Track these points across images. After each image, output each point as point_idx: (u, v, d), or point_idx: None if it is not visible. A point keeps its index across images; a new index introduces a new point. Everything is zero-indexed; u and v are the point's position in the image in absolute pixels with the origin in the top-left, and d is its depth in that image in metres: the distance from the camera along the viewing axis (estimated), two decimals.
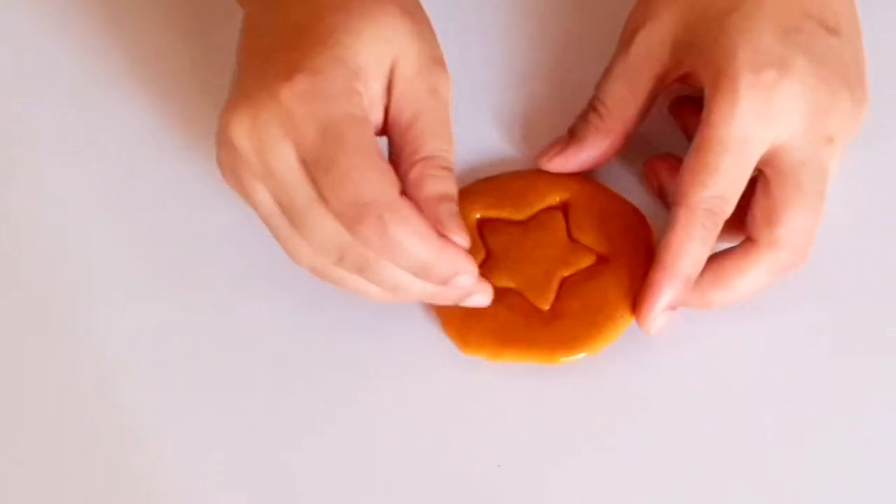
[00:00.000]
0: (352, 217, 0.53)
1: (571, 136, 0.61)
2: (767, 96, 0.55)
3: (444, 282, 0.55)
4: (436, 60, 0.57)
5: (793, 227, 0.56)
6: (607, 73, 0.61)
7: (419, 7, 0.57)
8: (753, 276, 0.57)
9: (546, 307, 0.59)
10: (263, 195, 0.55)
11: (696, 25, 0.58)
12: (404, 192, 0.54)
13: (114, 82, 0.66)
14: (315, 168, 0.53)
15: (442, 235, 0.54)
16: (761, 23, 0.57)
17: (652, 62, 0.60)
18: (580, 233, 0.61)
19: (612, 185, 0.62)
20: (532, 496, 0.56)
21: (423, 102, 0.56)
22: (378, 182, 0.53)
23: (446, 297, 0.56)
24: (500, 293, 0.59)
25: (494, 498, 0.56)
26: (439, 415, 0.58)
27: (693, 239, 0.56)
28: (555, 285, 0.59)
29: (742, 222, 0.57)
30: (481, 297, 0.57)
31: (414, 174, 0.55)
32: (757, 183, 0.57)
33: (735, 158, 0.56)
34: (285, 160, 0.53)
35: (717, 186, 0.56)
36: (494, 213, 0.61)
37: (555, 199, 0.62)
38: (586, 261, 0.60)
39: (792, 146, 0.56)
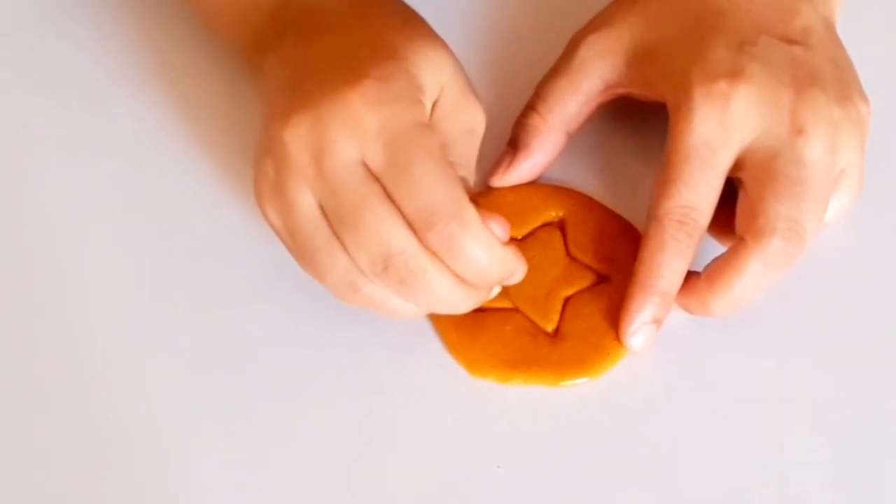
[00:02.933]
0: (422, 223, 0.54)
1: (515, 145, 0.62)
2: (723, 104, 0.57)
3: (493, 286, 0.57)
4: (474, 98, 0.58)
5: (772, 214, 0.56)
6: (549, 72, 0.62)
7: None
8: (748, 273, 0.57)
9: (551, 328, 0.59)
10: (307, 199, 0.55)
11: (656, 43, 0.60)
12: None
13: (117, 83, 0.66)
14: (386, 174, 0.54)
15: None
16: (715, 39, 0.58)
17: (600, 63, 0.61)
18: (579, 251, 0.61)
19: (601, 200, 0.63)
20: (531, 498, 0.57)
21: (456, 136, 0.57)
22: (449, 189, 0.54)
23: (477, 303, 0.57)
24: (503, 314, 0.60)
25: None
26: (440, 422, 0.58)
27: (664, 251, 0.57)
28: (558, 306, 0.60)
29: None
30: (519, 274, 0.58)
31: None
32: (739, 190, 0.58)
33: (699, 167, 0.57)
34: (344, 160, 0.54)
35: (682, 197, 0.57)
36: None
37: (551, 215, 0.62)
38: (587, 280, 0.60)
39: (760, 145, 0.57)
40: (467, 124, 0.58)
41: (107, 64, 0.66)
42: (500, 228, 0.56)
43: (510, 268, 0.56)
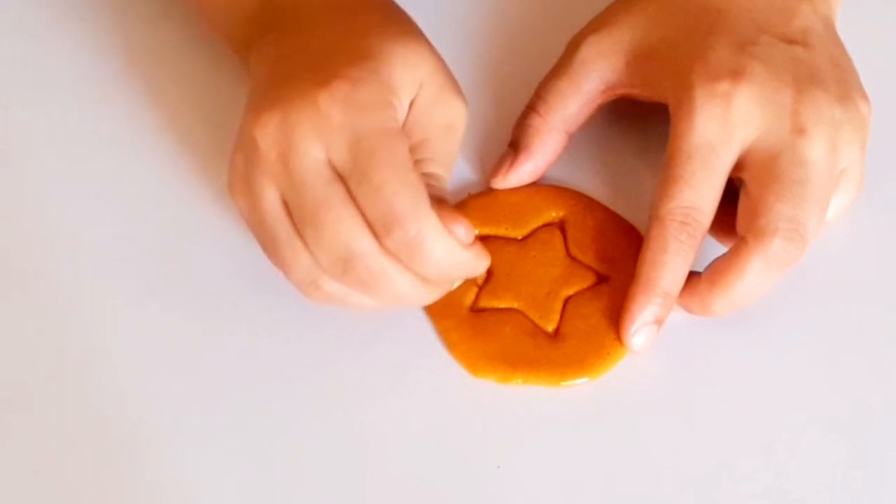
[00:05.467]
0: (382, 227, 0.54)
1: (516, 147, 0.62)
2: (725, 103, 0.57)
3: (454, 282, 0.58)
4: (455, 93, 0.58)
5: (774, 214, 0.56)
6: (550, 73, 0.62)
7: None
8: (749, 273, 0.57)
9: (551, 328, 0.60)
10: (271, 195, 0.55)
11: (656, 43, 0.60)
12: None
13: (118, 84, 0.66)
14: (350, 176, 0.54)
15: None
16: (716, 39, 0.59)
17: (601, 64, 0.61)
18: (579, 251, 0.61)
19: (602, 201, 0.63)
20: (531, 498, 0.57)
21: (434, 132, 0.58)
22: (410, 195, 0.54)
23: (441, 296, 0.58)
24: (503, 314, 0.60)
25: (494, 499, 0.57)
26: (440, 422, 0.58)
27: (667, 251, 0.57)
28: (559, 306, 0.60)
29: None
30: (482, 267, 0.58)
31: None
32: (740, 191, 0.58)
33: (701, 167, 0.57)
34: (309, 159, 0.54)
35: (684, 197, 0.57)
36: (492, 230, 0.62)
37: (551, 215, 0.62)
38: (587, 280, 0.61)
39: (761, 145, 0.57)
40: (446, 120, 0.58)
41: (107, 64, 0.67)
42: (463, 231, 0.56)
43: (472, 268, 0.57)
